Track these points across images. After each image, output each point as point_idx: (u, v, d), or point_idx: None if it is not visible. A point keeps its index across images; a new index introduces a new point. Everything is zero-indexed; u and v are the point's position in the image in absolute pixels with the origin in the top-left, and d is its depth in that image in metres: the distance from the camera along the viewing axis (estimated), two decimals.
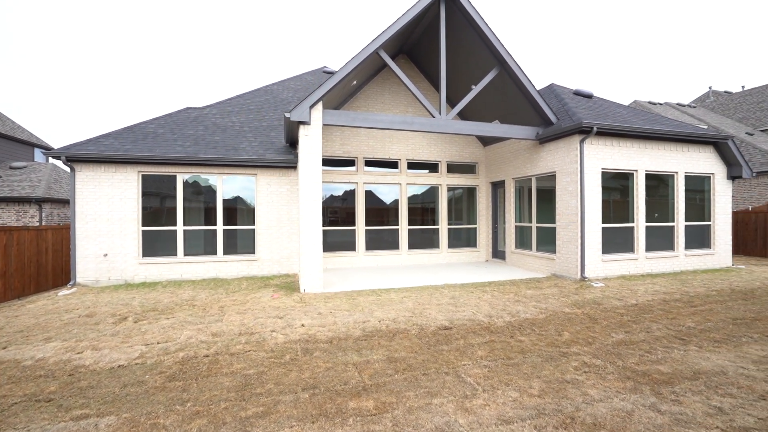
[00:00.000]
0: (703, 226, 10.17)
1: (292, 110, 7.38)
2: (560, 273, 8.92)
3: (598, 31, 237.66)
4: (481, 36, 8.59)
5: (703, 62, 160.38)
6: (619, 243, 9.07)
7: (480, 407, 3.05)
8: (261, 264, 9.41)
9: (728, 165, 10.33)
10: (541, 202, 9.81)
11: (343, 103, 11.06)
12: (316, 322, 5.42)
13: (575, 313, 5.83)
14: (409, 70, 11.73)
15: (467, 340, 4.66)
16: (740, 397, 3.15)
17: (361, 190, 11.08)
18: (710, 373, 3.64)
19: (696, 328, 5.10)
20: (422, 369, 3.84)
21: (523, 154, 10.30)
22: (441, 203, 11.84)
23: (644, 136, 9.11)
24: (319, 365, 3.94)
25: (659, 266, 9.41)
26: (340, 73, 7.61)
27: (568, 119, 8.84)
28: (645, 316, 5.69)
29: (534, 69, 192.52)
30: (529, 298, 6.84)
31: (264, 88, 13.20)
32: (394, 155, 11.40)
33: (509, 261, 11.03)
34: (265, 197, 9.45)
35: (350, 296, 7.08)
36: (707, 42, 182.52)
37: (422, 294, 7.20)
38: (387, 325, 5.28)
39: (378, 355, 4.21)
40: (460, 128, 8.71)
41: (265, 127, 10.72)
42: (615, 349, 4.34)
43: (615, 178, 9.13)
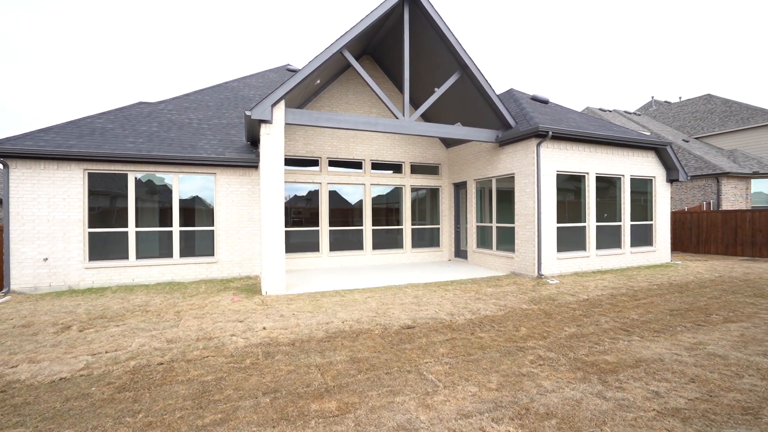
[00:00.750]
0: (645, 226, 10.96)
1: (254, 108, 7.19)
2: (519, 271, 9.28)
3: (555, 39, 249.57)
4: (443, 40, 8.78)
5: (648, 73, 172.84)
6: (573, 241, 9.59)
7: (441, 403, 3.12)
8: (221, 266, 9.08)
9: (667, 169, 11.19)
10: (501, 203, 10.17)
11: (306, 102, 10.92)
12: (278, 325, 5.31)
13: (532, 309, 6.09)
14: (373, 71, 11.78)
15: (429, 339, 4.74)
16: (674, 381, 3.43)
17: (324, 191, 10.98)
18: (650, 360, 3.94)
19: (639, 319, 5.49)
20: (385, 368, 3.87)
21: (484, 156, 10.63)
22: (405, 204, 11.97)
23: (595, 141, 9.68)
24: (280, 368, 3.86)
25: (608, 263, 10.03)
26: (303, 71, 7.50)
27: (526, 123, 9.23)
28: (595, 310, 6.05)
29: (494, 73, 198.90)
30: (489, 295, 7.08)
31: (224, 84, 12.76)
32: (358, 156, 11.39)
33: (471, 260, 11.34)
34: (225, 197, 9.14)
35: (314, 297, 7.00)
36: (652, 54, 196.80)
37: (386, 294, 7.24)
38: (350, 326, 5.27)
39: (341, 356, 4.19)
40: (424, 130, 8.85)
41: (225, 125, 10.37)
42: (567, 342, 4.58)
43: (568, 180, 9.63)
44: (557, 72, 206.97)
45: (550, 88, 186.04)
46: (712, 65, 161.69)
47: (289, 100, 8.88)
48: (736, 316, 5.63)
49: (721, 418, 2.79)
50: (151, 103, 10.73)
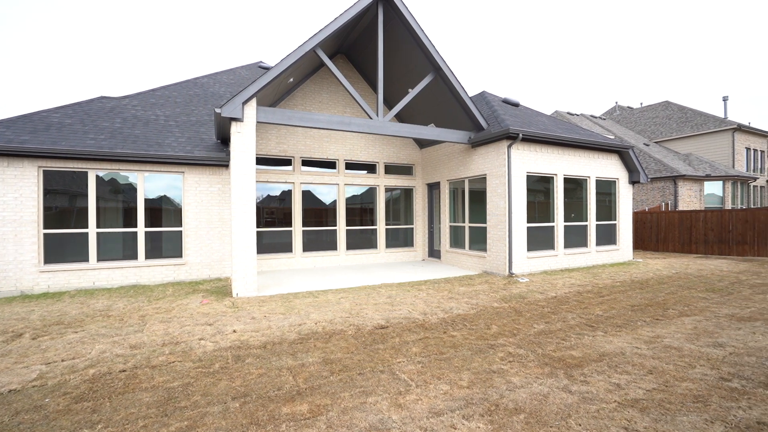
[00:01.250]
0: (610, 225, 11.44)
1: (224, 106, 7.00)
2: (491, 270, 9.48)
3: (527, 44, 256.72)
4: (417, 42, 8.85)
5: (614, 79, 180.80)
6: (542, 241, 9.88)
7: (413, 402, 3.14)
8: (189, 268, 8.79)
9: (629, 171, 11.73)
10: (474, 203, 10.35)
11: (279, 101, 10.74)
12: (249, 327, 5.19)
13: (503, 308, 6.24)
14: (347, 71, 11.73)
15: (403, 338, 4.76)
16: (634, 373, 3.59)
17: (298, 191, 10.84)
18: (612, 354, 4.11)
19: (603, 315, 5.72)
20: (358, 369, 3.85)
21: (457, 157, 10.79)
22: (379, 204, 11.99)
23: (563, 144, 10.02)
24: (251, 372, 3.78)
25: (575, 261, 10.41)
26: (275, 69, 7.37)
27: (497, 125, 9.44)
28: (562, 307, 6.26)
29: (467, 76, 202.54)
30: (461, 294, 7.19)
31: (193, 80, 12.36)
32: (332, 155, 11.31)
33: (444, 260, 11.49)
34: (194, 197, 8.85)
35: (286, 299, 6.89)
36: (617, 60, 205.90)
37: (360, 294, 7.22)
38: (323, 327, 5.22)
39: (314, 358, 4.14)
40: (397, 130, 8.89)
41: (194, 122, 10.05)
42: (536, 338, 4.71)
43: (538, 181, 9.93)
44: (528, 76, 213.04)
45: (521, 91, 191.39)
46: (671, 73, 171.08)
47: (261, 97, 8.71)
48: (690, 310, 5.97)
49: (675, 406, 2.95)
50: (114, 98, 10.25)
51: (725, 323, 5.19)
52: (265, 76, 7.30)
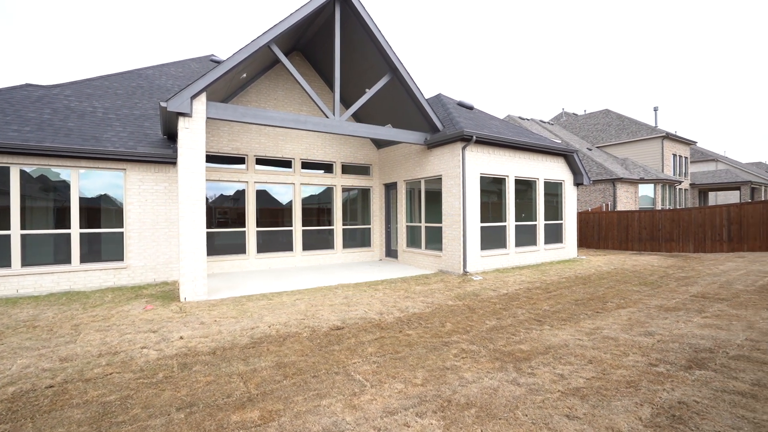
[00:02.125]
0: (557, 225, 12.11)
1: (170, 99, 6.60)
2: (446, 269, 9.70)
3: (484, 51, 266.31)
4: (374, 42, 8.86)
5: (562, 86, 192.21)
6: (495, 240, 10.27)
7: (367, 402, 3.13)
8: (132, 272, 8.21)
9: (574, 174, 12.48)
10: (430, 204, 10.55)
11: (231, 97, 10.33)
12: (198, 333, 4.94)
13: (457, 305, 6.40)
14: (303, 68, 11.52)
15: (358, 338, 4.74)
16: (576, 363, 3.82)
17: (252, 190, 10.48)
18: (557, 346, 4.34)
19: (550, 310, 6.03)
20: (312, 371, 3.78)
21: (413, 157, 10.94)
22: (336, 204, 11.88)
23: (515, 147, 10.47)
24: (198, 380, 3.59)
25: (525, 259, 10.91)
26: (227, 63, 7.07)
27: (452, 127, 9.68)
28: (513, 303, 6.53)
29: (424, 78, 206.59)
30: (417, 293, 7.29)
31: (137, 71, 11.57)
32: (287, 154, 11.05)
33: (401, 259, 11.61)
34: (138, 196, 8.28)
35: (238, 302, 6.63)
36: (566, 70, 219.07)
37: (315, 295, 7.11)
38: (277, 330, 5.08)
39: (267, 362, 4.02)
40: (354, 130, 8.85)
41: (138, 116, 9.40)
42: (488, 334, 4.87)
43: (491, 182, 10.30)
44: (483, 81, 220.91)
45: (476, 95, 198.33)
46: (611, 82, 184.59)
47: (212, 92, 8.32)
48: (625, 302, 6.45)
49: (610, 392, 3.17)
50: (43, 87, 9.35)
51: (654, 314, 5.66)
52: (215, 70, 6.98)
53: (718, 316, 5.38)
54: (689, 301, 6.42)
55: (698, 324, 5.05)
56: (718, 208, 13.35)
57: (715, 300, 6.40)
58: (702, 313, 5.58)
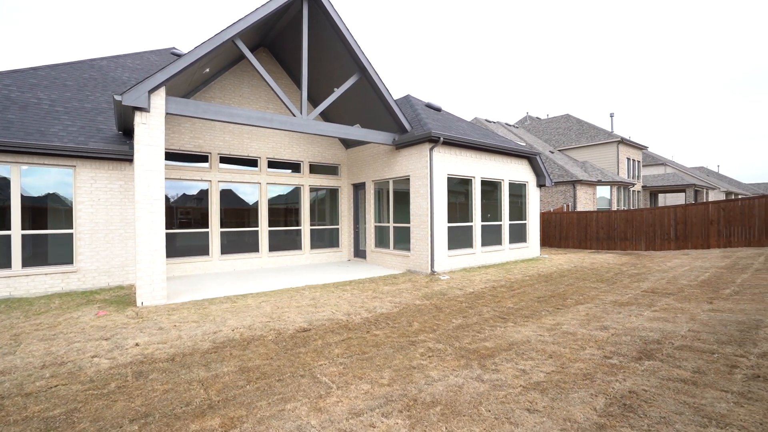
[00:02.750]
0: (521, 225, 12.52)
1: (126, 92, 6.25)
2: (414, 269, 9.79)
3: (453, 55, 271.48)
4: (343, 41, 8.80)
5: (527, 90, 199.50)
6: (462, 240, 10.46)
7: (333, 405, 3.09)
8: (83, 276, 7.71)
9: (537, 175, 12.94)
10: (398, 204, 10.61)
11: (194, 92, 9.94)
12: (156, 339, 4.70)
13: (424, 305, 6.46)
14: (270, 65, 11.27)
15: (325, 340, 4.68)
16: (537, 358, 3.95)
17: (215, 189, 10.12)
18: (520, 343, 4.47)
19: (513, 307, 6.21)
20: (277, 375, 3.69)
21: (382, 158, 10.96)
22: (304, 204, 11.71)
23: (481, 148, 10.71)
24: (155, 389, 3.41)
25: (491, 258, 11.20)
26: (189, 56, 6.79)
27: (420, 129, 9.78)
28: (479, 301, 6.67)
29: (393, 79, 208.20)
30: (385, 293, 7.30)
31: (89, 61, 10.89)
32: (253, 153, 10.77)
33: (370, 259, 11.60)
34: (89, 195, 7.79)
35: (200, 306, 6.39)
36: (531, 75, 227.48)
37: (282, 297, 6.97)
38: (241, 334, 4.93)
39: (229, 367, 3.88)
40: (322, 129, 8.75)
41: (89, 109, 8.85)
42: (454, 332, 4.95)
43: (458, 183, 10.49)
44: (451, 83, 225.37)
45: (444, 97, 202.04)
46: (573, 88, 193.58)
47: (172, 87, 7.97)
48: (584, 299, 6.76)
49: (569, 385, 3.30)
50: None
51: (610, 308, 5.96)
52: (176, 63, 6.68)
53: (665, 310, 5.73)
54: (640, 296, 6.81)
55: (648, 317, 5.36)
56: (667, 209, 14.27)
57: (663, 295, 6.82)
58: (651, 307, 5.93)
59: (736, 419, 2.68)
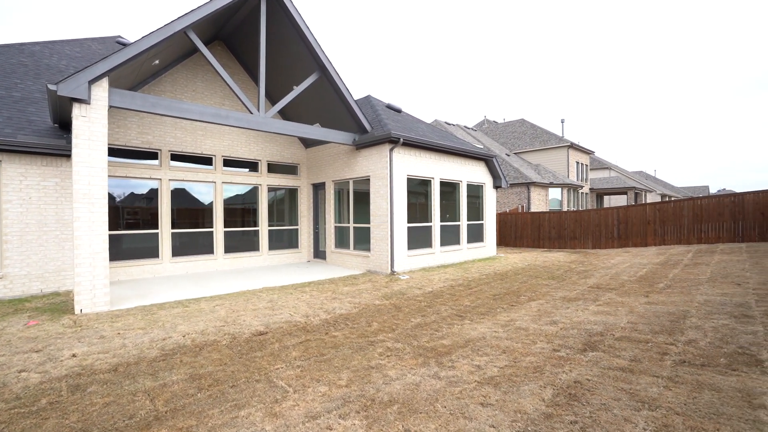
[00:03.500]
0: (478, 225, 12.91)
1: (62, 82, 5.76)
2: (374, 269, 9.81)
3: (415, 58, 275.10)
4: (303, 39, 8.65)
5: (486, 94, 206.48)
6: (421, 240, 10.62)
7: (289, 409, 3.02)
8: (10, 283, 7.02)
9: (494, 177, 13.41)
10: (358, 204, 10.58)
11: (142, 84, 9.36)
12: (96, 349, 4.38)
13: (384, 305, 6.49)
14: (226, 60, 10.86)
15: (283, 343, 4.58)
16: (491, 354, 4.09)
17: (166, 188, 9.60)
18: (476, 339, 4.61)
19: (470, 305, 6.39)
20: (231, 381, 3.56)
21: (342, 158, 10.89)
22: (261, 204, 11.39)
23: (440, 150, 10.93)
24: (94, 402, 3.17)
25: (450, 258, 11.45)
26: (136, 46, 6.38)
27: (381, 129, 9.82)
28: (437, 300, 6.80)
29: (354, 79, 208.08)
30: (345, 294, 7.26)
31: (18, 45, 9.95)
32: (208, 151, 10.32)
33: (330, 260, 11.48)
34: (18, 193, 7.11)
35: (149, 311, 6.02)
36: (489, 79, 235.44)
37: (237, 300, 6.73)
38: (193, 339, 4.70)
39: (179, 375, 3.69)
40: (280, 128, 8.55)
41: (19, 98, 8.08)
42: (413, 331, 5.01)
43: (417, 183, 10.64)
44: (413, 86, 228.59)
45: (405, 99, 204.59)
46: (528, 94, 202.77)
47: (117, 78, 7.46)
48: (536, 295, 7.08)
49: (520, 378, 3.44)
50: None
51: (559, 304, 6.29)
52: (121, 53, 6.25)
53: (608, 304, 6.14)
54: (587, 291, 7.24)
55: (593, 311, 5.71)
56: (611, 210, 15.30)
57: (606, 290, 7.30)
58: (596, 302, 6.32)
59: (665, 401, 2.92)
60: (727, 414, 2.73)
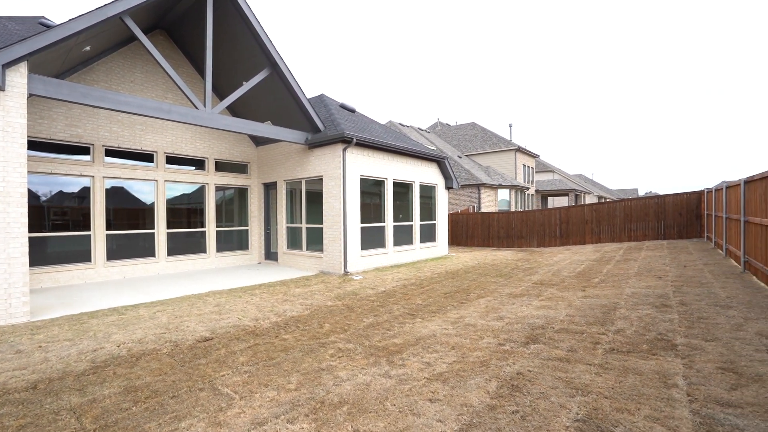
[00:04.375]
0: (430, 225, 13.19)
1: None
2: (327, 270, 9.70)
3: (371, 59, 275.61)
4: (253, 33, 8.37)
5: (439, 97, 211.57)
6: (375, 240, 10.67)
7: (234, 417, 2.90)
8: None
9: (446, 178, 13.78)
10: (311, 204, 10.42)
11: (71, 72, 8.56)
12: (11, 366, 3.93)
13: (336, 306, 6.43)
14: (169, 50, 10.23)
15: (229, 348, 4.39)
16: (441, 351, 4.19)
17: (99, 186, 8.85)
18: (426, 337, 4.70)
19: (422, 304, 6.51)
20: (171, 391, 3.35)
21: (294, 157, 10.67)
22: (209, 204, 10.86)
23: (394, 151, 11.03)
24: (5, 426, 2.84)
25: (403, 257, 11.60)
26: (62, 29, 5.82)
27: (334, 129, 9.73)
28: (390, 300, 6.85)
29: (308, 78, 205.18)
30: (297, 296, 7.11)
31: None
32: (148, 147, 9.66)
33: (282, 261, 11.20)
34: None
35: (77, 321, 5.52)
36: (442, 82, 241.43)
37: (181, 305, 6.36)
38: (129, 349, 4.37)
39: (112, 389, 3.41)
40: (228, 124, 8.20)
41: None
42: (365, 331, 5.01)
43: (371, 184, 10.67)
44: (367, 86, 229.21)
45: (359, 99, 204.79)
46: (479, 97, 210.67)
47: (40, 64, 6.77)
48: (485, 292, 7.36)
49: (467, 373, 3.56)
50: None
51: (506, 300, 6.59)
52: (44, 36, 5.67)
53: (549, 299, 6.53)
54: (531, 287, 7.65)
55: (536, 306, 6.04)
56: (554, 211, 16.29)
57: (549, 285, 7.75)
58: (539, 297, 6.70)
59: (596, 387, 3.15)
60: (647, 394, 3.00)
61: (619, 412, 2.77)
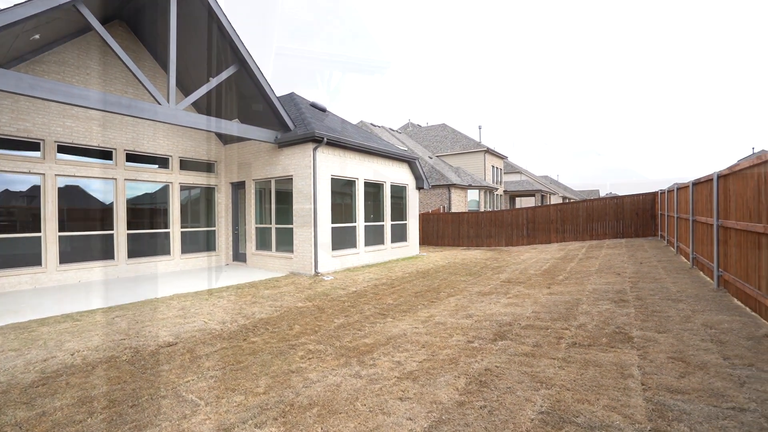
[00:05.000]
0: (402, 225, 13.28)
1: None
2: (298, 270, 9.56)
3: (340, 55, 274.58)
4: (220, 28, 8.13)
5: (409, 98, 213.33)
6: (346, 240, 10.61)
7: (199, 423, 2.80)
8: None
9: (417, 178, 13.91)
10: (281, 204, 10.24)
11: (17, 62, 7.98)
12: None
13: (307, 307, 6.35)
14: (129, 42, 9.75)
15: (195, 353, 4.24)
16: (411, 349, 4.23)
17: (51, 185, 8.31)
18: (397, 336, 4.73)
19: (393, 304, 6.54)
20: (131, 400, 3.20)
21: (263, 156, 10.45)
22: (173, 204, 10.44)
23: (365, 151, 11.02)
24: None
25: (374, 258, 11.61)
26: (7, 14, 5.42)
27: (304, 128, 9.60)
28: (361, 300, 6.84)
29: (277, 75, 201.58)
30: (266, 298, 6.97)
31: None
32: (106, 143, 9.17)
33: (250, 263, 10.94)
34: None
35: (25, 329, 5.16)
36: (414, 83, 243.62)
37: (143, 310, 6.08)
38: (84, 357, 4.13)
39: (64, 400, 3.22)
40: (193, 122, 7.92)
41: None
42: (336, 332, 4.97)
43: (342, 184, 10.62)
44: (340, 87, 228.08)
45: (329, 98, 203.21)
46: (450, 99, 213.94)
47: None
48: (454, 291, 7.49)
49: (437, 371, 3.61)
50: None
51: (475, 298, 6.73)
52: None
53: (517, 296, 6.73)
54: (499, 286, 7.86)
55: (504, 304, 6.21)
56: (521, 211, 16.80)
57: (516, 283, 7.99)
58: (507, 295, 6.89)
59: (559, 380, 3.28)
60: (606, 385, 3.15)
61: (580, 403, 2.89)
